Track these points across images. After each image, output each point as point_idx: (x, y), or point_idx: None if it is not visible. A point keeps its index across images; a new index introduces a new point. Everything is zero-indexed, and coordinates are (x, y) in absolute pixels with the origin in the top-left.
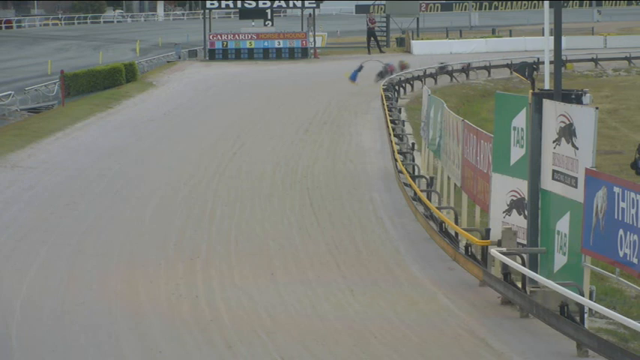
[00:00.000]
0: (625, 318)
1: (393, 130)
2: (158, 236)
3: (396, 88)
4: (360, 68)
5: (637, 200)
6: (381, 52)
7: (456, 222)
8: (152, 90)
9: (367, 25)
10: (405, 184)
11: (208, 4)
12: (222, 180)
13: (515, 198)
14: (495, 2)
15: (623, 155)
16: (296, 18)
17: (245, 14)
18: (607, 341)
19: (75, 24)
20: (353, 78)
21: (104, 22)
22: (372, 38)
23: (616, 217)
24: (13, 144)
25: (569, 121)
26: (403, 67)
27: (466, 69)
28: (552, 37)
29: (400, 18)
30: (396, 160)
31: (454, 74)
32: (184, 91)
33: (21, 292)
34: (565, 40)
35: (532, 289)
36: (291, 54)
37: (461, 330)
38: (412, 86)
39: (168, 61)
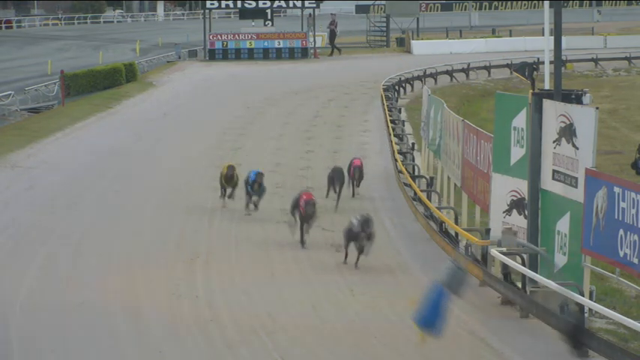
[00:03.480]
0: (625, 318)
1: (393, 130)
2: (158, 236)
3: (396, 88)
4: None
5: (637, 200)
6: (331, 54)
7: (456, 222)
8: (152, 90)
9: (328, 27)
10: (405, 184)
11: (208, 4)
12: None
13: (515, 198)
14: (495, 2)
15: (623, 155)
16: (296, 18)
17: (245, 14)
18: (607, 341)
19: (75, 24)
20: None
21: (104, 22)
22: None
23: (616, 217)
24: (13, 144)
25: (569, 121)
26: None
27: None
28: (552, 37)
29: (400, 18)
30: (396, 160)
31: (454, 74)
32: (184, 91)
33: (21, 292)
34: (565, 40)
35: (532, 289)
36: (291, 54)
37: (461, 330)
38: (412, 86)
39: (168, 61)
